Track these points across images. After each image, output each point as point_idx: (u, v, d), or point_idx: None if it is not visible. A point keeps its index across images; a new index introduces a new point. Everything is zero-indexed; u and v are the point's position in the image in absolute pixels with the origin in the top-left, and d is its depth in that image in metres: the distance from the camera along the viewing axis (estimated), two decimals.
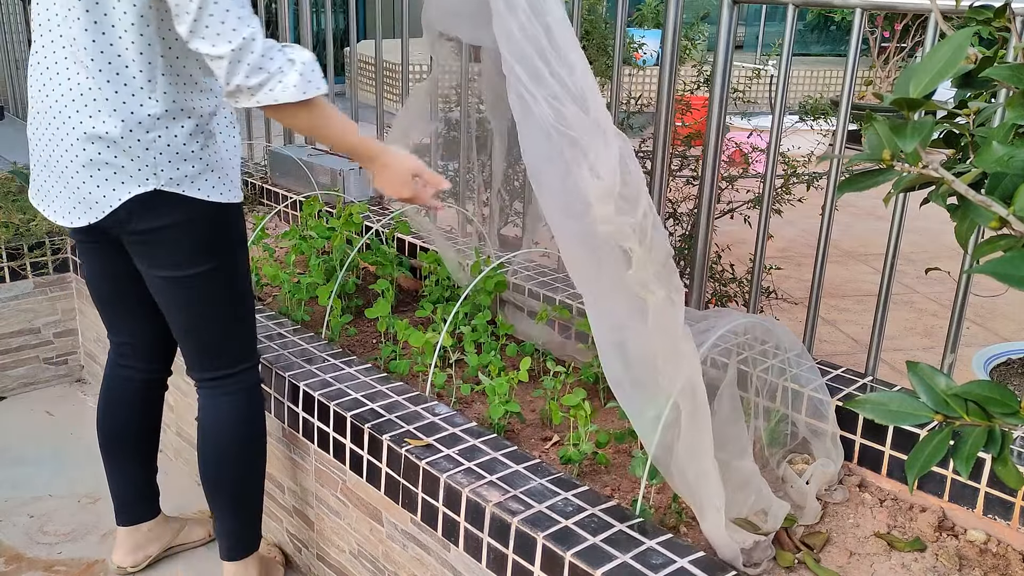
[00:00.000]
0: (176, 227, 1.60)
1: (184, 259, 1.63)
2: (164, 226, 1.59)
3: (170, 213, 1.59)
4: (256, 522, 1.88)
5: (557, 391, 1.93)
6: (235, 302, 1.73)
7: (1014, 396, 0.85)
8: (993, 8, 1.02)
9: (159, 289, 1.69)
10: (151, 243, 1.62)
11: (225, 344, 1.76)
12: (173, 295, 1.68)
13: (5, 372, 2.86)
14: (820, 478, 1.66)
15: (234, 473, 1.82)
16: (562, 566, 1.35)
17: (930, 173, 0.84)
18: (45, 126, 1.59)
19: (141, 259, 1.66)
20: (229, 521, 1.85)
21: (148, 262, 1.65)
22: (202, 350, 1.76)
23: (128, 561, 2.03)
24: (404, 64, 2.91)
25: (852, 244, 4.78)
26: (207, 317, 1.71)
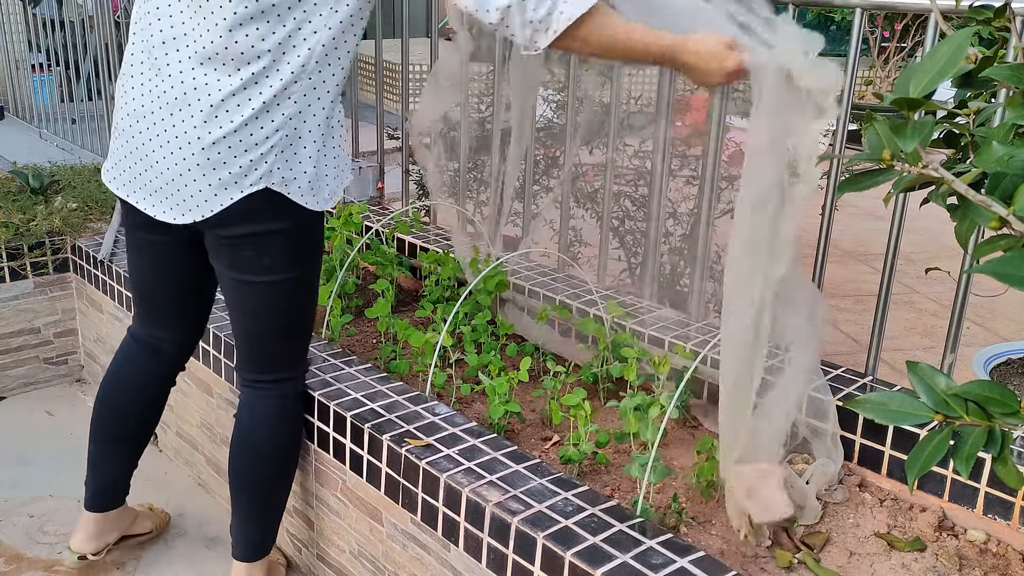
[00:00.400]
0: (277, 233, 1.59)
1: (273, 265, 1.61)
2: (266, 231, 1.58)
3: (277, 217, 1.57)
4: (274, 527, 1.88)
5: (557, 391, 1.93)
6: (303, 312, 1.73)
7: (1014, 396, 0.85)
8: (993, 8, 1.02)
9: (233, 290, 1.67)
10: (241, 246, 1.60)
11: (281, 350, 1.75)
12: (248, 298, 1.67)
13: (5, 372, 2.86)
14: (820, 478, 1.66)
15: (262, 474, 1.80)
16: (562, 566, 1.35)
17: (930, 173, 0.84)
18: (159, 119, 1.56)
19: (223, 260, 1.64)
20: (249, 522, 1.84)
21: (230, 263, 1.63)
22: (259, 353, 1.75)
23: (90, 548, 1.99)
24: (404, 64, 2.91)
25: (852, 244, 4.78)
26: (274, 323, 1.71)
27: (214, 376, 2.17)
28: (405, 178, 3.03)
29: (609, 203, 2.38)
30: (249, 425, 1.78)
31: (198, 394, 2.29)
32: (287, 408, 1.79)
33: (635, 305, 2.23)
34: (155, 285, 1.82)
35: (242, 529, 1.85)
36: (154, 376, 1.93)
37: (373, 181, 3.11)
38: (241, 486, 1.81)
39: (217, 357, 2.12)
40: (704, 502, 1.66)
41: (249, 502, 1.82)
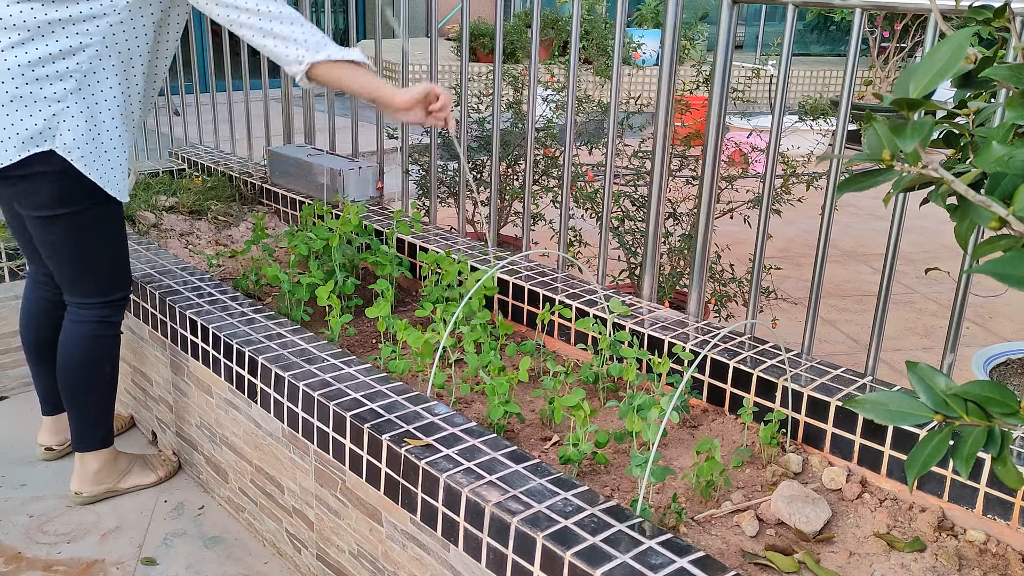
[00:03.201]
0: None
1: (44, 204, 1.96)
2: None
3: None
4: (92, 425, 2.23)
5: (557, 391, 1.93)
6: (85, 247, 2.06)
7: (1014, 396, 0.85)
8: (993, 8, 1.02)
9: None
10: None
11: (84, 279, 2.10)
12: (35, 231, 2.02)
13: (5, 372, 2.86)
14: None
15: (67, 380, 2.18)
16: (561, 566, 1.35)
17: (930, 173, 0.84)
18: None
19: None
20: (71, 419, 2.23)
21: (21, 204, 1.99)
22: (62, 280, 2.13)
23: (52, 441, 2.48)
24: (404, 64, 2.91)
25: (852, 244, 4.79)
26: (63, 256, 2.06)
27: (214, 376, 2.17)
28: (405, 178, 3.03)
29: (609, 203, 2.38)
30: (63, 340, 2.17)
31: (197, 394, 2.29)
32: (85, 331, 2.14)
33: (635, 305, 2.23)
34: (16, 227, 2.18)
35: (71, 424, 2.24)
36: (51, 302, 2.29)
37: (373, 181, 3.11)
38: (61, 390, 2.21)
39: (216, 357, 2.12)
40: (704, 502, 1.66)
41: (67, 402, 2.21)
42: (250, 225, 3.14)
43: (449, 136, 2.09)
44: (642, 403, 1.71)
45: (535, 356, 2.19)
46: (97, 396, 2.21)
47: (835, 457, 1.77)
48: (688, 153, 3.21)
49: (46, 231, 1.99)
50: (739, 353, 1.95)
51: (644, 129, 3.12)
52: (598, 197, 3.19)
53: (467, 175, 2.39)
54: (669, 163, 2.43)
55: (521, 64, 5.98)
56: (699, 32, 8.13)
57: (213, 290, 2.35)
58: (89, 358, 2.16)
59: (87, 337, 2.14)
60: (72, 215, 1.96)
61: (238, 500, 2.26)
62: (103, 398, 2.23)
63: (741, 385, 1.90)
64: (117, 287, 2.15)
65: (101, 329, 2.15)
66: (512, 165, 3.56)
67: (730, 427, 1.90)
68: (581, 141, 3.37)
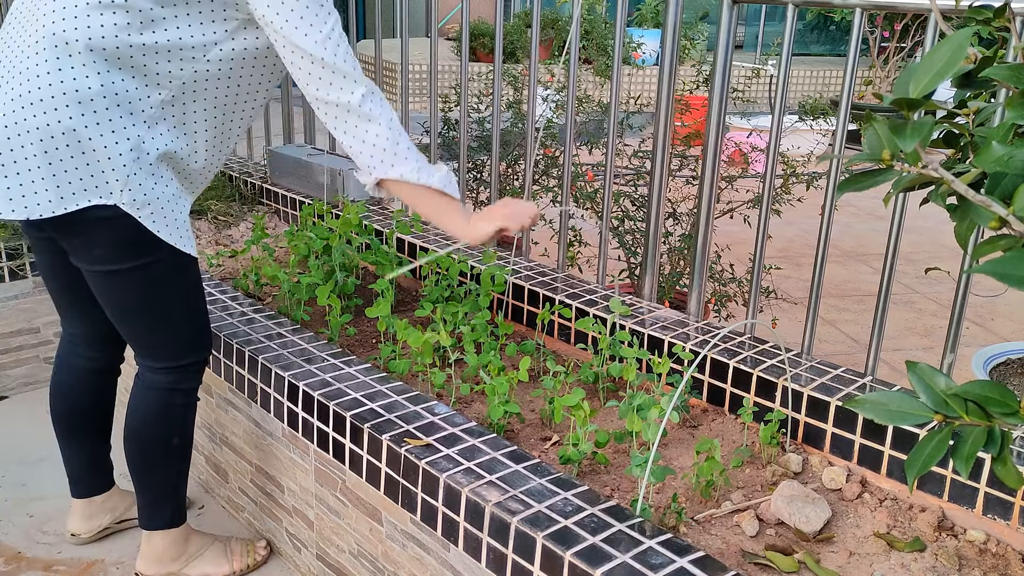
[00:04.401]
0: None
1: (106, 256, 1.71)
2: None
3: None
4: (161, 503, 1.97)
5: (557, 391, 1.93)
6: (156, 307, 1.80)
7: (1014, 396, 0.85)
8: (993, 8, 1.02)
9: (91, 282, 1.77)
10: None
11: (152, 341, 1.84)
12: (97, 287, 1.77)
13: (5, 371, 2.86)
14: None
15: (132, 451, 1.92)
16: (561, 566, 1.35)
17: (930, 173, 0.84)
18: None
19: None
20: (138, 493, 1.97)
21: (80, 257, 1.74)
22: (131, 341, 1.87)
23: (82, 528, 2.15)
24: (404, 64, 2.91)
25: (852, 244, 4.79)
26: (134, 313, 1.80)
27: (214, 376, 2.17)
28: None
29: (609, 203, 2.38)
30: (130, 404, 1.91)
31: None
32: (152, 399, 1.88)
33: (635, 305, 2.23)
34: (58, 284, 1.94)
35: (137, 499, 1.99)
36: (85, 371, 2.03)
37: None
38: (128, 462, 1.94)
39: (216, 356, 2.12)
40: (704, 502, 1.66)
41: (135, 478, 1.95)
42: (250, 225, 3.14)
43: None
44: (642, 403, 1.71)
45: (535, 356, 2.19)
46: (163, 472, 1.94)
47: (835, 457, 1.77)
48: (688, 153, 3.21)
49: (108, 287, 1.74)
50: (739, 353, 1.95)
51: (644, 129, 3.12)
52: (598, 197, 3.19)
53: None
54: (669, 163, 2.43)
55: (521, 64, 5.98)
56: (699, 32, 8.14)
57: (213, 290, 2.35)
58: (155, 429, 1.90)
59: (153, 404, 1.88)
60: (139, 268, 1.70)
61: (238, 500, 2.26)
62: (171, 474, 1.96)
63: (741, 385, 1.90)
64: (190, 351, 1.87)
65: (170, 397, 1.88)
66: (512, 165, 3.56)
67: (730, 427, 1.90)
68: (581, 141, 3.38)
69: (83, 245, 1.68)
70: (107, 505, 2.15)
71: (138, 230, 1.65)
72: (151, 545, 1.99)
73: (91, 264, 1.71)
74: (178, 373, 1.86)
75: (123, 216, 1.63)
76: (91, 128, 1.57)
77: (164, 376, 1.85)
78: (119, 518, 2.18)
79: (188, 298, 1.82)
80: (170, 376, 1.86)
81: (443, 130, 3.58)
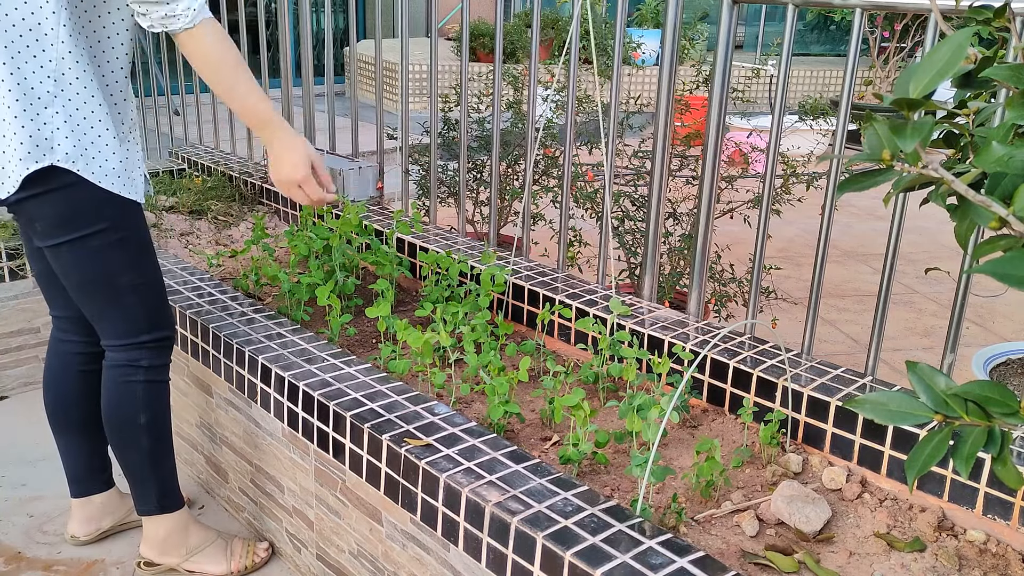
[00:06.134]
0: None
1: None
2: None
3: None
4: (149, 486, 1.96)
5: (557, 391, 1.93)
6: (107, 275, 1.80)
7: (1014, 396, 0.85)
8: (993, 8, 1.02)
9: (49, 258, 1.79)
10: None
11: (106, 315, 1.84)
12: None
13: (5, 371, 2.86)
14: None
15: (113, 439, 1.93)
16: (561, 566, 1.35)
17: (930, 173, 0.84)
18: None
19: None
20: (126, 478, 1.98)
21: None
22: (90, 319, 1.87)
23: (81, 531, 2.14)
24: (404, 64, 2.91)
25: (852, 244, 4.79)
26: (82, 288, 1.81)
27: (213, 376, 2.17)
28: (405, 178, 3.03)
29: (609, 203, 2.37)
30: (101, 388, 1.91)
31: (197, 394, 2.29)
32: (113, 376, 1.88)
33: (635, 305, 2.23)
34: (29, 262, 1.98)
35: (130, 486, 1.98)
36: (76, 356, 2.02)
37: (373, 181, 3.11)
38: (113, 451, 1.96)
39: (216, 357, 2.12)
40: (704, 502, 1.66)
41: (117, 459, 1.96)
42: (250, 225, 3.14)
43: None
44: (642, 403, 1.71)
45: (535, 356, 2.19)
46: (135, 452, 1.93)
47: (835, 457, 1.77)
48: (688, 153, 3.21)
49: (56, 262, 1.77)
50: (739, 353, 1.95)
51: (644, 129, 3.12)
52: (598, 197, 3.19)
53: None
54: (669, 163, 2.43)
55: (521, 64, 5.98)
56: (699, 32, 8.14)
57: (213, 290, 2.35)
58: (119, 408, 1.90)
59: (114, 383, 1.89)
60: (80, 239, 1.72)
61: (238, 500, 2.26)
62: (144, 454, 1.93)
63: (741, 385, 1.90)
64: (146, 327, 1.87)
65: (128, 375, 1.88)
66: (512, 165, 3.56)
67: (730, 427, 1.90)
68: (581, 141, 3.38)
69: (26, 222, 1.74)
70: (106, 507, 2.15)
71: (78, 194, 1.68)
72: (150, 529, 2.01)
73: (40, 240, 1.74)
74: (136, 350, 1.87)
75: (61, 182, 1.66)
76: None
77: (123, 353, 1.86)
78: (120, 521, 2.17)
79: (137, 267, 1.81)
80: (129, 353, 1.86)
81: (443, 130, 3.58)
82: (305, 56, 3.19)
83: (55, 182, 1.66)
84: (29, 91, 1.62)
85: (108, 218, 1.73)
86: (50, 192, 1.66)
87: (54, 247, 1.73)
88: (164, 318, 1.90)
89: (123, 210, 1.76)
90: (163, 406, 1.93)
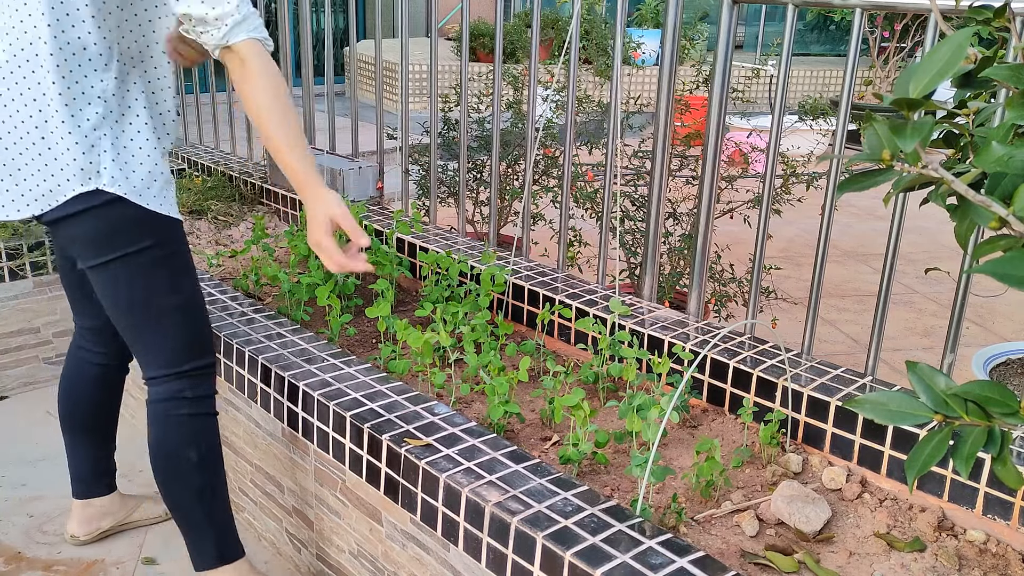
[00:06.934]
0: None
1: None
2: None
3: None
4: (205, 539, 1.81)
5: (557, 391, 1.93)
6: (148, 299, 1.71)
7: (1014, 396, 0.85)
8: (993, 8, 1.02)
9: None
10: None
11: (147, 342, 1.74)
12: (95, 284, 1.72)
13: (5, 372, 2.86)
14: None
15: (162, 483, 1.78)
16: (561, 566, 1.35)
17: (930, 173, 0.84)
18: None
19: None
20: (180, 529, 1.82)
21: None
22: (131, 347, 1.78)
23: (80, 531, 2.13)
24: (404, 64, 2.91)
25: (852, 244, 4.79)
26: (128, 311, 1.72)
27: None
28: (405, 178, 3.03)
29: (609, 203, 2.37)
30: (148, 431, 1.78)
31: None
32: (158, 412, 1.76)
33: (635, 305, 2.23)
34: (61, 271, 1.93)
35: (185, 538, 1.82)
36: (94, 366, 1.99)
37: (372, 181, 3.11)
38: (163, 498, 1.81)
39: (216, 357, 2.12)
40: (704, 502, 1.66)
41: (168, 508, 1.81)
42: (250, 225, 3.14)
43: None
44: (642, 403, 1.71)
45: (535, 356, 2.19)
46: (187, 493, 1.77)
47: (835, 457, 1.77)
48: (688, 153, 3.21)
49: (97, 282, 1.68)
50: (739, 353, 1.95)
51: (644, 129, 3.12)
52: (598, 197, 3.19)
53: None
54: (669, 163, 2.43)
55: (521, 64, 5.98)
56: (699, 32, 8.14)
57: (213, 290, 2.35)
58: (165, 444, 1.76)
59: (157, 419, 1.76)
60: (122, 259, 1.63)
61: (238, 500, 2.26)
62: (196, 494, 1.77)
63: (741, 385, 1.90)
64: (187, 355, 1.74)
65: (172, 408, 1.75)
66: (512, 165, 3.56)
67: (730, 427, 1.90)
68: (581, 141, 3.38)
69: (66, 241, 1.68)
70: (107, 510, 2.15)
71: (118, 213, 1.61)
72: None
73: (81, 260, 1.67)
74: (178, 380, 1.75)
75: (102, 200, 1.59)
76: (52, 102, 1.55)
77: (164, 386, 1.75)
78: (120, 522, 2.17)
79: (179, 287, 1.71)
80: (171, 385, 1.75)
81: (443, 130, 3.58)
82: (305, 56, 3.19)
83: (95, 200, 1.59)
84: (78, 112, 1.57)
85: (150, 236, 1.64)
86: (90, 210, 1.59)
87: (95, 267, 1.64)
88: (206, 344, 1.79)
89: (165, 228, 1.67)
90: (213, 440, 1.79)
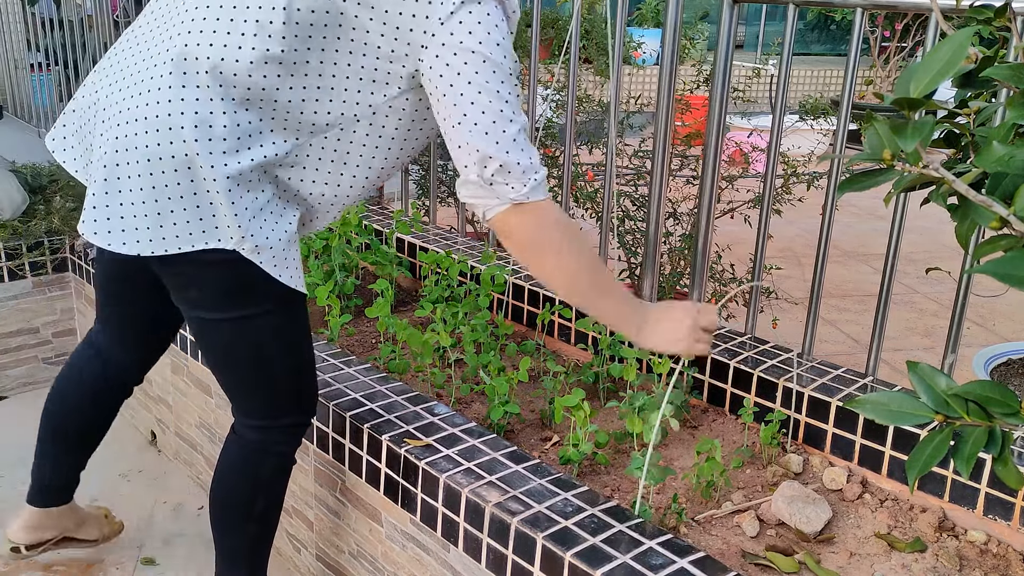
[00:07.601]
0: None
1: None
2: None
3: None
4: (240, 566, 1.76)
5: (557, 391, 1.93)
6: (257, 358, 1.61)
7: (1014, 396, 0.85)
8: (993, 8, 1.01)
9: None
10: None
11: (250, 395, 1.65)
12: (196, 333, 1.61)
13: (4, 372, 2.86)
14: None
15: (215, 512, 1.74)
16: (562, 566, 1.35)
17: (930, 173, 0.84)
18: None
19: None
20: (216, 552, 1.78)
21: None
22: (227, 392, 1.69)
23: (25, 539, 1.95)
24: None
25: (852, 244, 4.78)
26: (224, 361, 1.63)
27: (213, 376, 2.17)
28: (405, 178, 3.03)
29: (609, 203, 2.37)
30: (221, 456, 1.73)
31: (197, 394, 2.29)
32: (241, 456, 1.70)
33: None
34: (112, 301, 1.76)
35: (216, 555, 1.78)
36: (101, 384, 1.86)
37: None
38: (209, 509, 1.76)
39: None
40: (704, 502, 1.65)
41: (213, 530, 1.76)
42: None
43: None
44: (642, 404, 1.71)
45: (535, 356, 2.18)
46: (240, 533, 1.72)
47: (836, 457, 1.77)
48: (688, 153, 3.21)
49: (208, 334, 1.57)
50: (739, 353, 1.95)
51: (644, 129, 3.12)
52: (598, 197, 3.19)
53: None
54: (669, 163, 2.43)
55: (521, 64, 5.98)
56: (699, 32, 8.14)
57: None
58: (239, 487, 1.69)
59: (240, 462, 1.69)
60: (247, 318, 1.52)
61: None
62: (247, 537, 1.73)
63: (741, 385, 1.90)
64: (289, 411, 1.66)
65: (260, 458, 1.67)
66: None
67: (730, 427, 1.90)
68: (581, 141, 3.37)
69: (184, 285, 1.51)
70: (59, 520, 1.99)
71: (251, 275, 1.45)
72: None
73: (192, 308, 1.53)
74: (274, 433, 1.66)
75: (237, 261, 1.43)
76: (209, 157, 1.37)
77: (257, 434, 1.66)
78: (64, 534, 2.02)
79: (296, 351, 1.62)
80: (265, 435, 1.66)
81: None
82: None
83: (225, 252, 1.43)
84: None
85: (276, 299, 1.52)
86: (218, 259, 1.44)
87: (214, 321, 1.53)
88: (311, 402, 1.70)
89: (290, 294, 1.53)
90: (281, 493, 1.73)
